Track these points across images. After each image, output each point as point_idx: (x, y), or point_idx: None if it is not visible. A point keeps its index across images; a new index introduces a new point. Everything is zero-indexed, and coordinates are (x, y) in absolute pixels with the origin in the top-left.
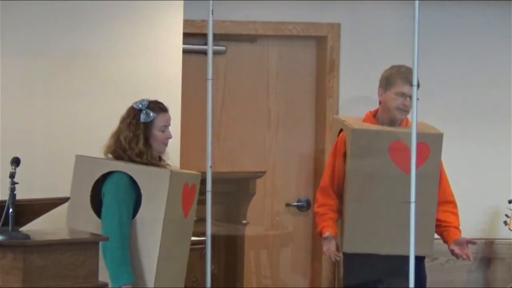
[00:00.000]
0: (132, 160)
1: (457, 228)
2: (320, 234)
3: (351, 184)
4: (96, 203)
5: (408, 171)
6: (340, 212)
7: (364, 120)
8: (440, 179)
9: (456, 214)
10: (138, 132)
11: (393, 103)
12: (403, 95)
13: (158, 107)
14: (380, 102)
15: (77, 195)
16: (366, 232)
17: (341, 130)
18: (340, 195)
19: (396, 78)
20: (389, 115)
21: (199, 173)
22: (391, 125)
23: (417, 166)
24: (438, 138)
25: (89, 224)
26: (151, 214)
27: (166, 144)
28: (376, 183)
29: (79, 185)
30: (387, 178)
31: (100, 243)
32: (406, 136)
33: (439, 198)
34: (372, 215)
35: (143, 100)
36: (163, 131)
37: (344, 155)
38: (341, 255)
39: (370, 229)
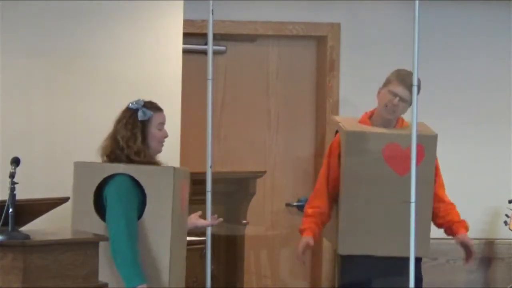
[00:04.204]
0: (130, 160)
1: (459, 222)
2: (301, 233)
3: (345, 186)
4: (99, 207)
5: (402, 173)
6: (329, 214)
7: (360, 121)
8: (437, 178)
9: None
10: (135, 131)
11: (383, 99)
12: (395, 94)
13: (153, 106)
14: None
15: (80, 200)
16: (361, 234)
17: (337, 131)
18: (335, 197)
19: (393, 78)
20: (381, 115)
21: (188, 168)
22: (385, 126)
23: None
24: (432, 139)
25: (94, 228)
26: (159, 212)
27: (162, 143)
28: (370, 185)
29: (81, 191)
30: (381, 180)
31: (110, 247)
32: (400, 138)
33: (438, 196)
34: (367, 217)
35: (138, 100)
36: (159, 129)
37: (339, 156)
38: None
39: (364, 230)
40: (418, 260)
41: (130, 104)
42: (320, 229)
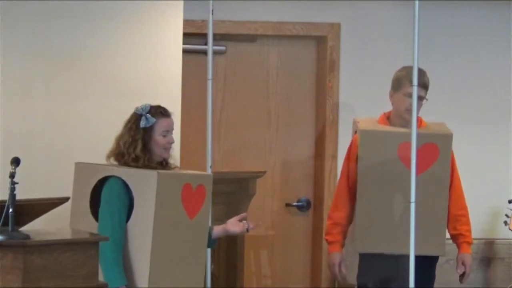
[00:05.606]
0: (127, 165)
1: (466, 242)
2: (329, 246)
3: (361, 184)
4: (98, 208)
5: (417, 172)
6: (351, 218)
7: (378, 122)
8: (453, 186)
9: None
10: (137, 137)
11: (402, 104)
12: (411, 96)
13: (159, 112)
14: (392, 104)
15: (78, 201)
16: (378, 232)
17: (355, 132)
18: (355, 197)
19: (404, 79)
20: (400, 116)
21: (208, 174)
22: (403, 126)
23: (426, 167)
24: (447, 138)
25: (91, 229)
26: (142, 216)
27: (168, 149)
28: (386, 184)
29: (79, 192)
30: (396, 179)
31: None
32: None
33: (452, 208)
34: (383, 215)
35: (145, 105)
36: (164, 136)
37: (357, 157)
38: (344, 271)
39: (381, 229)
40: (434, 259)
41: (136, 109)
42: (344, 238)
